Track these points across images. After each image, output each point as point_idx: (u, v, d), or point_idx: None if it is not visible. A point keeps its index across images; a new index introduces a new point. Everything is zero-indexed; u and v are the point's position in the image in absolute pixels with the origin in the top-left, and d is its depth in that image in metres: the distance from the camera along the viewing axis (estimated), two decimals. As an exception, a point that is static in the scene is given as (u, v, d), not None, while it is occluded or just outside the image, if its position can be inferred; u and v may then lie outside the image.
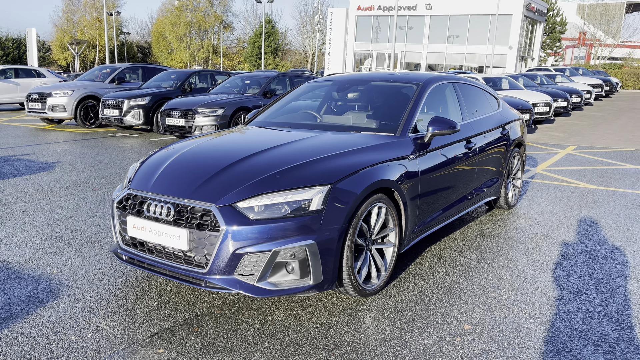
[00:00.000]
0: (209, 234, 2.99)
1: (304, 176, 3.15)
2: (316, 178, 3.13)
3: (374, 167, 3.42)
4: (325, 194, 3.07)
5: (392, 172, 3.55)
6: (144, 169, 3.60)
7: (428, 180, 3.98)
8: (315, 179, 3.12)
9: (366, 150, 3.58)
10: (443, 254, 4.35)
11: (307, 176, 3.15)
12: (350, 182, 3.21)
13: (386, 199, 3.49)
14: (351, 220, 3.18)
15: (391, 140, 3.82)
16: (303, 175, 3.16)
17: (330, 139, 3.84)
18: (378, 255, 3.54)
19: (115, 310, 3.24)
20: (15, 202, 5.94)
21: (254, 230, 2.95)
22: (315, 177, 3.14)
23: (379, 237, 3.54)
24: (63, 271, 3.86)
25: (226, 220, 2.96)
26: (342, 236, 3.12)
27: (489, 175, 5.19)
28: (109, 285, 3.61)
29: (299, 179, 3.12)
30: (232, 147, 3.76)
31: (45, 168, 8.04)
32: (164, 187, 3.28)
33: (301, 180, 3.11)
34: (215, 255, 2.97)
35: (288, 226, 2.97)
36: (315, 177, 3.14)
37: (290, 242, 2.97)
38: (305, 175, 3.16)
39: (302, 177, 3.14)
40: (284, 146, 3.60)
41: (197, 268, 3.06)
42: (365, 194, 3.26)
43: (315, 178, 3.13)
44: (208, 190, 3.11)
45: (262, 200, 3.01)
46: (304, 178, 3.13)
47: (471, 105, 5.11)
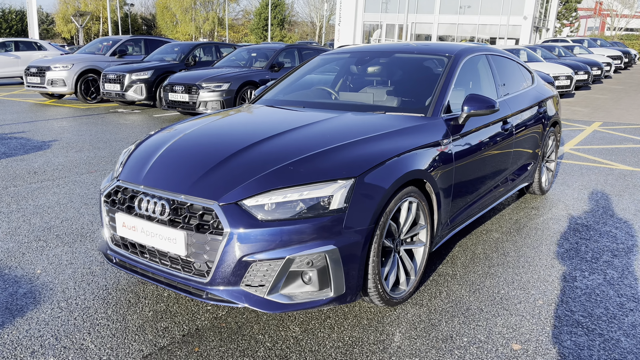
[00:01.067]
0: (210, 238, 2.51)
1: (323, 168, 2.64)
2: (338, 170, 2.62)
3: (403, 155, 2.90)
4: (349, 189, 2.57)
5: (423, 161, 3.03)
6: (137, 156, 3.10)
7: (462, 168, 3.45)
8: (336, 172, 2.61)
9: (394, 135, 3.06)
10: (476, 250, 3.86)
11: (326, 168, 2.64)
12: (378, 175, 2.70)
13: (417, 193, 2.98)
14: (379, 219, 2.69)
15: (421, 123, 3.29)
16: (322, 166, 2.65)
17: (351, 122, 3.31)
18: (407, 256, 3.05)
19: (104, 323, 2.78)
20: (5, 186, 5.48)
21: (264, 234, 2.46)
22: (337, 168, 2.63)
23: (408, 236, 3.05)
24: (48, 271, 3.41)
25: (230, 221, 2.47)
26: (368, 239, 2.63)
27: (524, 159, 4.65)
28: (98, 290, 3.15)
29: (317, 172, 2.61)
30: (238, 131, 3.24)
31: (41, 147, 7.58)
32: (157, 179, 2.79)
33: (320, 172, 2.60)
34: (218, 263, 2.49)
35: (304, 229, 2.47)
36: (336, 169, 2.63)
37: (307, 247, 2.48)
38: (324, 166, 2.65)
39: (321, 169, 2.63)
40: (297, 130, 3.08)
41: (197, 277, 2.58)
42: (395, 188, 2.76)
43: (336, 170, 2.62)
44: (209, 185, 2.61)
45: (273, 198, 2.51)
46: (323, 170, 2.62)
47: (506, 80, 4.54)
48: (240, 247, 2.45)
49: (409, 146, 2.99)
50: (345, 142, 2.87)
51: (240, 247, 2.45)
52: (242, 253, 2.46)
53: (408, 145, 2.99)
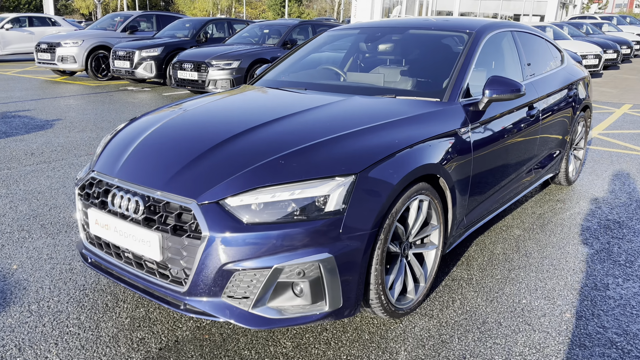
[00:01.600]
0: (187, 242, 2.19)
1: (319, 162, 2.28)
2: (336, 165, 2.26)
3: (415, 147, 2.53)
4: (348, 188, 2.21)
5: (438, 153, 2.65)
6: (114, 144, 2.78)
7: (482, 160, 3.07)
8: (334, 167, 2.26)
9: (404, 123, 2.68)
10: (495, 250, 3.48)
11: (323, 162, 2.28)
12: (384, 170, 2.34)
13: (429, 189, 2.61)
14: (383, 222, 2.33)
15: (437, 109, 2.90)
16: (318, 160, 2.29)
17: (356, 107, 2.93)
18: (416, 261, 2.70)
19: (74, 332, 2.50)
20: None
21: (249, 239, 2.12)
22: (335, 163, 2.27)
23: (417, 238, 2.69)
24: (25, 267, 3.14)
25: (210, 223, 2.14)
26: (370, 245, 2.28)
27: (551, 147, 4.22)
28: (75, 290, 2.87)
29: (312, 167, 2.26)
30: (227, 117, 2.88)
31: (43, 127, 7.33)
32: (133, 172, 2.47)
33: (315, 168, 2.25)
34: (197, 271, 2.17)
35: (296, 233, 2.13)
36: (334, 164, 2.27)
37: (298, 255, 2.14)
38: (320, 160, 2.29)
39: (317, 164, 2.27)
40: (294, 117, 2.72)
41: (174, 285, 2.27)
42: (403, 186, 2.39)
43: (334, 165, 2.26)
44: (188, 180, 2.28)
45: (260, 197, 2.17)
46: (319, 165, 2.27)
47: (532, 60, 4.10)
48: (221, 254, 2.13)
49: (422, 136, 2.61)
50: (347, 131, 2.50)
51: (221, 254, 2.13)
52: (223, 260, 2.13)
53: (420, 135, 2.61)
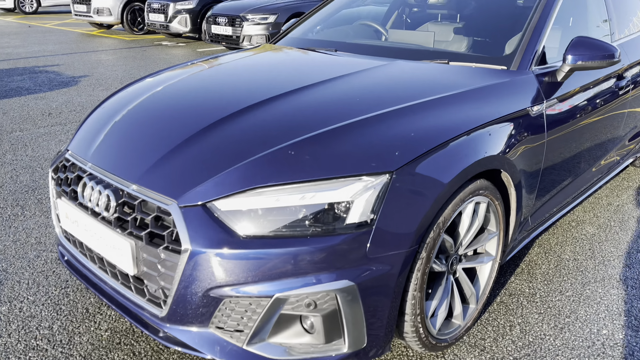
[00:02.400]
0: (164, 255, 1.67)
1: (341, 154, 1.69)
2: (364, 159, 1.67)
3: (473, 133, 1.90)
4: (380, 191, 1.62)
5: (502, 141, 2.01)
6: (95, 118, 2.27)
7: (557, 145, 2.40)
8: (362, 162, 1.66)
9: (460, 99, 2.03)
10: (563, 254, 2.84)
11: (347, 155, 1.69)
12: (430, 167, 1.73)
13: (489, 188, 1.99)
14: (425, 236, 1.74)
15: (502, 80, 2.23)
16: (340, 152, 1.70)
17: (396, 76, 2.29)
18: (466, 277, 2.11)
19: (41, 347, 2.07)
20: (11, 130, 4.89)
21: (243, 257, 1.58)
22: (363, 156, 1.68)
23: (470, 249, 2.09)
24: (8, 253, 2.73)
25: (193, 233, 1.60)
26: (407, 267, 1.70)
27: (638, 125, 3.46)
28: (55, 289, 2.44)
29: (331, 161, 1.67)
30: (232, 87, 2.29)
31: (68, 83, 6.97)
32: (107, 157, 1.95)
33: (335, 162, 1.66)
34: (176, 293, 1.66)
35: (305, 252, 1.57)
36: (362, 158, 1.67)
37: (309, 282, 1.59)
38: (344, 152, 1.70)
39: (338, 157, 1.68)
40: (314, 88, 2.11)
41: (151, 306, 1.77)
42: (456, 187, 1.78)
43: (362, 159, 1.67)
44: (169, 173, 1.74)
45: (259, 200, 1.62)
46: (342, 158, 1.67)
47: (622, 17, 3.30)
48: (205, 275, 1.60)
49: (482, 118, 1.96)
50: (383, 110, 1.89)
51: (205, 275, 1.60)
52: (208, 284, 1.61)
53: (480, 117, 1.96)
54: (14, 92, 6.39)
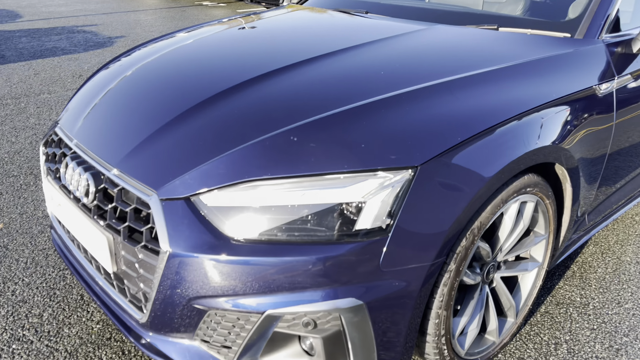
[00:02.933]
0: (142, 255, 1.43)
1: (353, 142, 1.37)
2: (381, 149, 1.35)
3: (524, 118, 1.53)
4: (400, 190, 1.31)
5: (560, 126, 1.64)
6: (87, 89, 2.03)
7: (627, 128, 2.00)
8: (378, 153, 1.34)
9: (510, 74, 1.66)
10: (622, 255, 2.45)
11: (360, 143, 1.37)
12: (465, 160, 1.39)
13: (538, 184, 1.64)
14: (456, 245, 1.43)
15: (564, 51, 1.83)
16: (352, 139, 1.38)
17: (434, 44, 1.92)
18: (505, 288, 1.78)
19: (27, 338, 1.90)
20: (39, 91, 4.78)
21: (230, 264, 1.32)
22: (381, 146, 1.36)
23: (511, 255, 1.76)
24: (12, 227, 2.59)
25: (173, 231, 1.35)
26: (431, 281, 1.40)
27: None
28: (52, 270, 2.27)
29: (340, 150, 1.36)
30: (239, 54, 1.97)
31: (104, 44, 6.83)
32: (92, 134, 1.71)
33: (345, 153, 1.35)
34: (156, 299, 1.42)
35: (304, 263, 1.29)
36: (379, 148, 1.35)
37: (307, 298, 1.31)
38: (356, 139, 1.38)
39: (349, 146, 1.37)
40: (333, 58, 1.78)
41: (132, 308, 1.55)
42: (499, 184, 1.45)
43: (378, 149, 1.35)
44: (151, 158, 1.48)
45: (253, 197, 1.33)
46: (353, 148, 1.36)
47: None
48: (186, 283, 1.35)
49: (537, 99, 1.59)
50: (412, 87, 1.55)
51: (186, 283, 1.35)
52: (189, 293, 1.36)
53: (534, 98, 1.59)
54: (49, 52, 6.30)
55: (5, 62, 5.79)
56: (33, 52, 6.31)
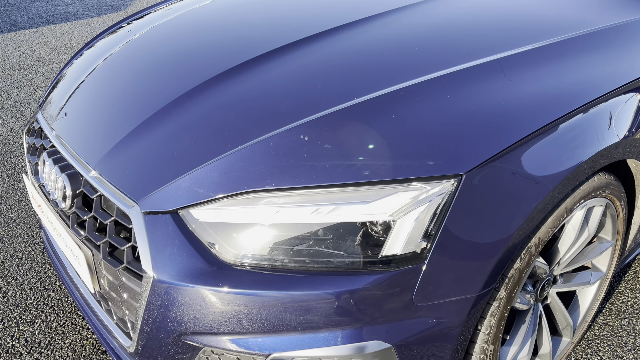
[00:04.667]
0: (124, 278, 1.19)
1: (379, 144, 1.08)
2: (414, 153, 1.05)
3: (598, 106, 1.21)
4: (438, 207, 1.02)
5: (634, 113, 1.31)
6: (72, 69, 1.76)
7: None
8: (410, 157, 1.05)
9: (577, 48, 1.32)
10: (693, 251, 2.11)
11: (387, 144, 1.07)
12: (523, 165, 1.09)
13: (611, 185, 1.33)
14: (509, 267, 1.14)
15: (644, 14, 1.47)
16: (377, 140, 1.09)
17: (479, 9, 1.58)
18: (561, 304, 1.50)
19: (16, 349, 1.71)
20: (49, 60, 4.56)
21: (228, 296, 1.06)
22: (413, 148, 1.06)
23: (570, 267, 1.46)
24: (10, 216, 2.40)
25: (157, 254, 1.09)
26: (477, 314, 1.13)
27: None
28: (50, 267, 2.08)
29: (363, 154, 1.07)
30: (239, 28, 1.66)
31: (117, 8, 6.54)
32: (71, 126, 1.45)
33: (370, 156, 1.06)
34: (142, 329, 1.19)
35: (318, 298, 1.03)
36: (412, 151, 1.06)
37: (322, 340, 1.06)
38: (382, 140, 1.08)
39: (374, 148, 1.07)
40: (353, 30, 1.45)
41: (119, 332, 1.32)
42: (565, 192, 1.15)
43: (412, 153, 1.05)
44: (132, 161, 1.22)
45: (254, 212, 1.06)
46: (380, 152, 1.07)
47: None
48: (175, 315, 1.11)
49: (612, 81, 1.26)
50: (451, 68, 1.23)
51: (175, 315, 1.11)
52: (180, 327, 1.12)
53: (610, 79, 1.26)
54: (61, 18, 6.05)
55: (16, 29, 5.57)
56: (45, 17, 6.07)
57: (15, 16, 6.13)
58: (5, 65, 4.43)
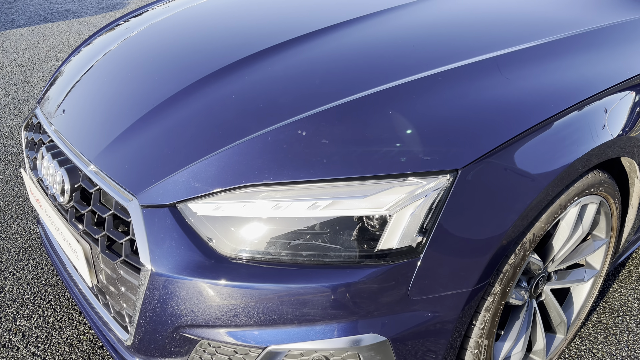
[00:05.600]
0: (122, 272, 1.20)
1: (375, 140, 1.09)
2: (411, 149, 1.07)
3: (593, 103, 1.23)
4: (434, 202, 1.03)
5: (629, 111, 1.33)
6: (71, 65, 1.77)
7: None
8: (406, 153, 1.06)
9: (573, 46, 1.34)
10: (686, 250, 2.14)
11: (383, 140, 1.09)
12: (518, 161, 1.10)
13: (605, 183, 1.34)
14: (503, 263, 1.16)
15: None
16: (374, 136, 1.10)
17: (477, 7, 1.59)
18: (555, 301, 1.51)
19: (13, 343, 1.72)
20: (47, 58, 4.56)
21: (225, 290, 1.07)
22: (410, 144, 1.07)
23: (564, 264, 1.48)
24: (7, 212, 2.40)
25: (156, 247, 1.10)
26: (472, 309, 1.14)
27: None
28: (47, 263, 2.08)
29: (360, 149, 1.08)
30: (239, 25, 1.67)
31: (115, 7, 6.54)
32: (70, 120, 1.46)
33: (366, 151, 1.07)
34: (139, 323, 1.19)
35: (315, 291, 1.04)
36: (407, 146, 1.07)
37: (318, 332, 1.07)
38: (379, 136, 1.10)
39: (371, 143, 1.08)
40: (351, 28, 1.47)
41: (117, 326, 1.33)
42: (559, 189, 1.16)
43: (407, 148, 1.07)
44: (131, 155, 1.23)
45: (252, 206, 1.07)
46: (376, 145, 1.08)
47: None
48: (173, 308, 1.11)
49: (607, 80, 1.28)
50: (447, 65, 1.24)
51: (173, 308, 1.11)
52: (177, 320, 1.13)
53: (605, 78, 1.28)
54: (60, 16, 6.05)
55: (14, 27, 5.57)
56: (44, 15, 6.07)
57: (14, 14, 6.13)
58: (3, 62, 4.43)
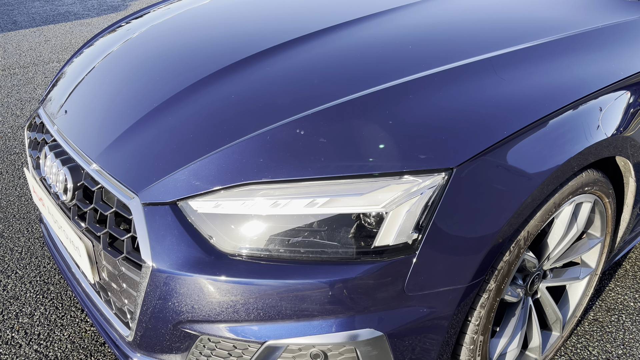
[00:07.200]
0: (124, 268, 1.22)
1: (372, 137, 1.11)
2: (407, 147, 1.09)
3: (587, 103, 1.25)
4: (429, 200, 1.06)
5: (629, 112, 1.35)
6: (73, 66, 1.79)
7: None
8: (403, 151, 1.08)
9: (567, 47, 1.36)
10: (683, 250, 2.16)
11: (380, 138, 1.11)
12: (513, 159, 1.12)
13: (599, 182, 1.36)
14: (498, 260, 1.18)
15: (637, 17, 1.51)
16: (371, 135, 1.12)
17: (472, 10, 1.61)
18: (551, 299, 1.53)
19: (16, 341, 1.74)
20: (49, 60, 4.58)
21: (225, 285, 1.10)
22: (406, 143, 1.10)
23: (560, 262, 1.50)
24: (9, 211, 2.42)
25: (157, 244, 1.12)
26: (467, 305, 1.16)
27: None
28: (49, 262, 2.10)
29: (357, 147, 1.10)
30: (238, 27, 1.69)
31: (117, 8, 6.57)
32: (72, 120, 1.48)
33: (363, 150, 1.09)
34: (140, 318, 1.22)
35: (312, 287, 1.06)
36: (405, 146, 1.09)
37: (316, 327, 1.09)
38: (376, 134, 1.12)
39: (368, 142, 1.11)
40: (350, 29, 1.49)
41: (118, 322, 1.35)
42: (553, 187, 1.18)
43: (403, 147, 1.09)
44: (133, 154, 1.25)
45: (251, 204, 1.10)
46: (373, 144, 1.10)
47: None
48: (173, 303, 1.14)
49: (600, 80, 1.30)
50: (443, 66, 1.26)
51: (173, 303, 1.14)
52: (178, 315, 1.15)
53: (598, 78, 1.30)
54: (62, 17, 6.08)
55: (16, 28, 5.60)
56: (45, 17, 6.10)
57: (16, 15, 6.16)
58: (6, 63, 4.46)
